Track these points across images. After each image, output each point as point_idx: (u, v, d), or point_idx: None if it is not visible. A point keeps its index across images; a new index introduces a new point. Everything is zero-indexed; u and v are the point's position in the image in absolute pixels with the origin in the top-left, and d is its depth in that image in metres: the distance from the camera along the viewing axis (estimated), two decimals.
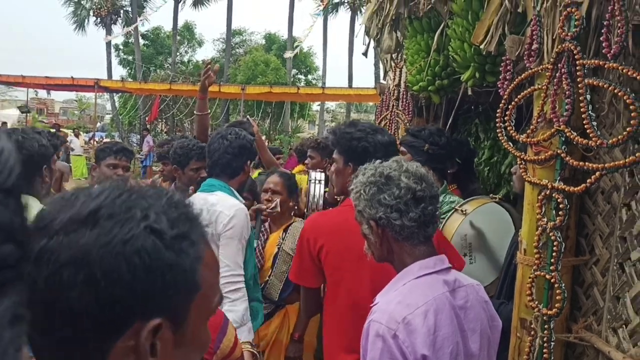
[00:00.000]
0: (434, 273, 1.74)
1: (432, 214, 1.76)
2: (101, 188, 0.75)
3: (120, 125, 31.33)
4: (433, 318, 1.63)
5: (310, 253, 2.38)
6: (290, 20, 33.12)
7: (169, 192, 0.79)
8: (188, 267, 0.75)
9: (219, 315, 1.84)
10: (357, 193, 1.78)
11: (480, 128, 3.83)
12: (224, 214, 2.84)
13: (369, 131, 2.41)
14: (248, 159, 3.10)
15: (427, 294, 1.68)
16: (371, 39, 4.25)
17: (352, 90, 21.13)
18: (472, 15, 2.78)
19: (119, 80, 25.10)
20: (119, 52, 36.48)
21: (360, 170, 1.84)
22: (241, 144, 3.03)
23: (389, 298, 1.71)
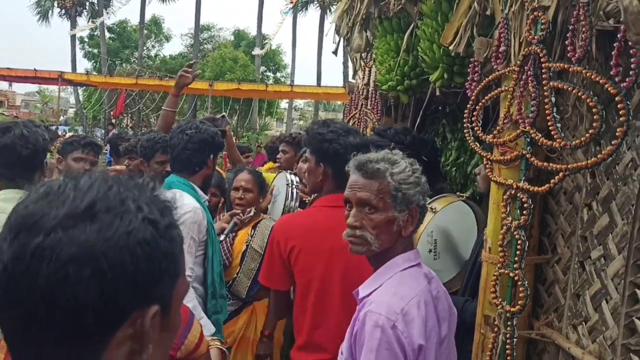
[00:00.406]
0: (415, 266, 1.80)
1: None
2: (89, 182, 0.76)
3: (84, 119, 30.72)
4: (424, 309, 1.69)
5: (281, 255, 2.36)
6: (259, 17, 32.97)
7: (148, 182, 0.81)
8: (177, 253, 0.79)
9: (184, 310, 1.82)
10: (413, 178, 1.78)
11: (448, 128, 3.88)
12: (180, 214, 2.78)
13: (341, 132, 2.41)
14: (211, 153, 3.00)
15: (415, 286, 1.73)
16: (341, 38, 4.27)
17: (320, 89, 21.16)
18: (442, 16, 2.82)
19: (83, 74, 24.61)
20: (84, 45, 35.75)
21: (399, 161, 1.82)
22: (201, 138, 2.92)
23: (382, 289, 1.74)
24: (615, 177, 1.90)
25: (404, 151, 3.06)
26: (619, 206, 1.88)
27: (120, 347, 0.73)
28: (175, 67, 34.31)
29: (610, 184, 1.92)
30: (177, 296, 0.81)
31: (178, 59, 36.46)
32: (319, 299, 2.30)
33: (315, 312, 2.31)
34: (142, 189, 0.78)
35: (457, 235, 2.85)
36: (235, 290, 3.47)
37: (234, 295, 3.49)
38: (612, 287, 1.89)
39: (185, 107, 28.27)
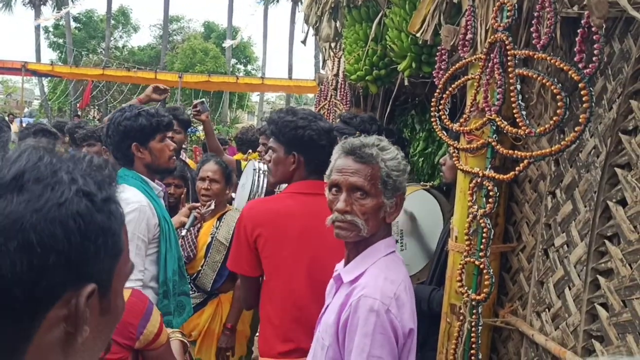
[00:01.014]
0: (394, 252, 1.83)
1: None
2: (18, 152, 0.70)
3: (50, 111, 30.03)
4: (409, 292, 1.74)
5: (248, 241, 2.32)
6: (230, 9, 32.67)
7: (86, 155, 0.76)
8: (116, 230, 0.74)
9: (142, 300, 1.78)
10: (403, 165, 1.80)
11: (416, 119, 3.88)
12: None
13: (311, 118, 2.37)
14: (132, 142, 2.73)
15: (400, 270, 1.78)
16: (310, 27, 4.23)
17: (291, 82, 21.07)
18: (410, 5, 2.80)
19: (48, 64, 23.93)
20: (49, 35, 34.88)
21: (384, 142, 1.82)
22: (114, 130, 2.73)
23: (372, 274, 1.72)
24: (579, 165, 1.91)
25: None
26: (581, 193, 1.89)
27: (53, 329, 0.68)
28: (144, 58, 33.82)
29: (574, 171, 1.93)
30: (119, 277, 0.76)
31: (146, 50, 35.91)
32: (286, 286, 2.27)
33: (283, 299, 2.28)
34: (78, 161, 0.73)
35: (423, 225, 2.85)
36: (200, 283, 3.42)
37: (199, 288, 3.43)
38: (575, 274, 1.90)
39: None
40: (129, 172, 2.75)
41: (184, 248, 3.44)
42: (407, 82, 3.09)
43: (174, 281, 2.79)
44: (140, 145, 2.74)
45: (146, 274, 2.70)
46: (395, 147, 1.83)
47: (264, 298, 2.36)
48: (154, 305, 1.85)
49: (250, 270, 2.38)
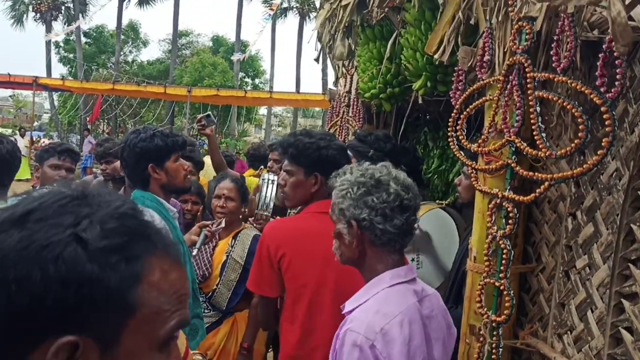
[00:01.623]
0: (405, 282, 1.75)
1: (412, 225, 1.77)
2: (49, 190, 0.71)
3: (60, 125, 30.28)
4: (407, 328, 1.64)
5: (271, 261, 2.31)
6: (238, 24, 32.90)
7: (123, 200, 0.73)
8: (115, 284, 0.67)
9: None
10: (344, 190, 1.75)
11: (429, 136, 3.89)
12: None
13: (329, 138, 2.40)
14: (148, 164, 2.72)
15: (401, 303, 1.69)
16: (323, 45, 4.26)
17: (299, 96, 21.16)
18: (425, 25, 2.82)
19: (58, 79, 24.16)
20: (59, 50, 35.25)
21: (346, 169, 1.81)
22: (130, 153, 2.73)
23: (365, 306, 1.70)
24: (600, 187, 1.91)
25: (383, 159, 3.08)
26: (603, 216, 1.89)
27: None
28: (153, 72, 34.08)
29: (595, 193, 1.93)
30: (140, 336, 0.70)
31: (155, 65, 36.19)
32: (311, 307, 2.26)
33: (306, 320, 2.27)
34: (106, 206, 0.70)
35: (438, 243, 2.84)
36: (216, 302, 3.41)
37: (214, 307, 3.42)
38: (597, 296, 1.89)
39: (162, 112, 28.07)
40: (145, 193, 2.74)
41: (199, 266, 3.44)
42: (421, 100, 3.11)
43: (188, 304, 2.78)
44: (156, 166, 2.74)
45: None
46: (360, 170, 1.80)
47: (285, 319, 2.35)
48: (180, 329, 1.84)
49: (271, 290, 2.38)
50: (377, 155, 3.05)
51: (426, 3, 2.78)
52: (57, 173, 3.52)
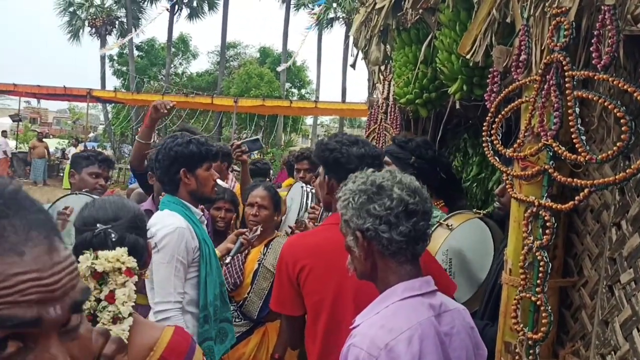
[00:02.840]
0: (419, 296, 1.64)
1: (424, 230, 1.65)
2: None
3: (112, 135, 31.14)
4: (418, 345, 1.52)
5: (290, 277, 2.24)
6: (285, 34, 33.19)
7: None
8: None
9: (185, 339, 1.72)
10: (345, 201, 1.67)
11: (469, 143, 3.75)
12: (156, 236, 2.63)
13: (345, 142, 2.30)
14: (180, 168, 2.78)
15: (412, 318, 1.57)
16: (359, 51, 4.18)
17: (344, 105, 21.13)
18: (460, 26, 2.70)
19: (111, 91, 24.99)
20: (113, 63, 36.36)
21: (351, 178, 1.74)
22: (165, 156, 2.77)
23: (371, 321, 1.60)
24: None
25: (424, 166, 2.97)
26: None
27: None
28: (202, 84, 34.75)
29: None
30: None
31: (204, 76, 36.87)
32: (330, 323, 2.17)
33: (326, 336, 2.18)
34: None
35: (474, 255, 2.70)
36: (247, 311, 3.36)
37: (245, 316, 3.38)
38: None
39: (211, 124, 28.49)
40: (172, 198, 2.82)
41: (231, 274, 3.41)
42: (458, 105, 2.98)
43: (215, 306, 2.77)
44: (187, 171, 2.80)
45: (185, 298, 2.71)
46: (364, 177, 1.71)
47: (307, 335, 2.27)
48: (197, 344, 1.79)
49: (293, 308, 2.30)
50: (419, 162, 2.94)
51: (461, 3, 2.67)
52: (97, 181, 3.60)
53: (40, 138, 21.14)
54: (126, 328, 1.55)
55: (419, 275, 1.67)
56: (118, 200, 1.77)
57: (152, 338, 1.63)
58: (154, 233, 2.61)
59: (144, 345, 1.61)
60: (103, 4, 35.69)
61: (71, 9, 35.33)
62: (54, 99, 24.45)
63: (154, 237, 2.62)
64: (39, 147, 20.01)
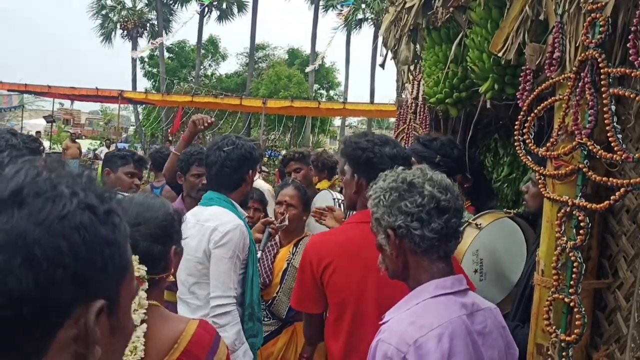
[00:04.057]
0: (450, 294, 1.63)
1: (455, 227, 1.64)
2: (15, 169, 0.68)
3: (143, 136, 31.62)
4: (448, 342, 1.51)
5: (314, 275, 2.23)
6: (313, 36, 33.27)
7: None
8: (122, 242, 0.72)
9: (209, 332, 1.74)
10: (376, 199, 1.67)
11: (500, 143, 3.71)
12: (218, 231, 2.69)
13: (377, 142, 2.29)
14: (249, 169, 2.89)
15: (443, 315, 1.56)
16: (388, 50, 4.16)
17: (373, 106, 21.05)
18: (492, 24, 2.67)
19: (142, 92, 25.36)
20: (144, 65, 36.93)
21: (381, 177, 1.73)
22: (239, 154, 2.83)
23: (400, 317, 1.60)
24: None
25: (450, 165, 2.94)
26: None
27: (63, 351, 0.64)
28: (231, 85, 35.03)
29: None
30: (127, 294, 0.74)
31: (233, 78, 37.18)
32: (354, 322, 2.16)
33: (350, 334, 2.17)
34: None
35: (505, 254, 2.66)
36: (275, 310, 3.37)
37: (273, 315, 3.39)
38: None
39: (240, 125, 28.72)
40: (221, 196, 2.85)
41: (260, 273, 3.42)
42: (489, 104, 2.94)
43: (257, 304, 2.84)
44: (252, 172, 2.94)
45: (236, 295, 2.76)
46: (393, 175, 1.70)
47: (329, 334, 2.27)
48: (221, 337, 1.81)
49: (315, 306, 2.30)
50: (445, 161, 2.91)
51: (493, 0, 2.63)
52: (132, 181, 3.65)
53: (73, 139, 21.56)
54: (140, 335, 1.57)
55: (451, 273, 1.66)
56: (145, 202, 1.73)
57: (177, 331, 1.66)
58: (213, 228, 2.69)
59: (168, 337, 1.64)
60: (134, 6, 36.31)
61: (103, 12, 36.04)
62: (87, 101, 24.95)
63: (215, 233, 2.68)
64: (72, 147, 20.40)
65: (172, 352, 1.62)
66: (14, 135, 2.37)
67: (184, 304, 2.78)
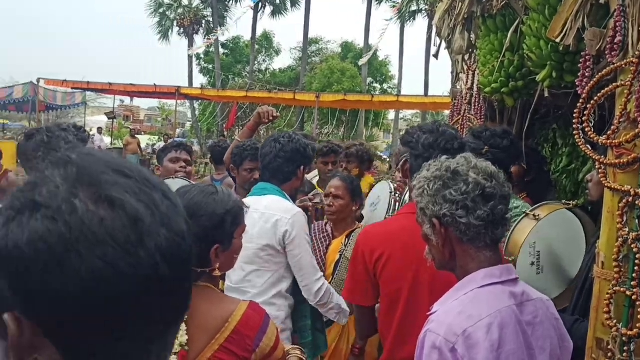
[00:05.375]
0: (499, 283, 1.60)
1: (502, 214, 1.62)
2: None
3: (199, 131, 32.29)
4: (497, 332, 1.49)
5: (366, 266, 2.23)
6: (366, 29, 33.09)
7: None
8: None
9: (259, 313, 1.78)
10: (421, 189, 1.66)
11: (559, 134, 3.59)
12: (285, 218, 2.76)
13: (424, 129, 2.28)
14: (301, 165, 2.95)
15: (492, 305, 1.54)
16: (442, 40, 4.10)
17: (427, 99, 20.79)
18: (550, 10, 2.59)
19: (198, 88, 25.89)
20: (200, 61, 37.68)
21: (425, 166, 1.72)
22: (294, 148, 2.89)
23: (448, 307, 1.58)
24: None
25: (499, 156, 2.87)
26: None
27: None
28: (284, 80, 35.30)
29: None
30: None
31: (287, 72, 37.45)
32: (407, 311, 2.15)
33: (402, 326, 2.16)
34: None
35: (564, 247, 2.58)
36: None
37: None
38: None
39: (293, 119, 28.92)
40: (274, 186, 2.93)
41: None
42: (547, 93, 2.86)
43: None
44: (304, 169, 3.02)
45: (285, 283, 2.83)
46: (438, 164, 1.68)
47: (382, 325, 2.26)
48: (271, 318, 1.85)
49: (366, 298, 2.30)
50: (493, 152, 2.85)
51: None
52: (176, 165, 3.68)
53: (132, 135, 22.24)
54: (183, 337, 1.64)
55: (499, 262, 1.63)
56: (198, 199, 1.76)
57: (228, 311, 1.73)
58: (278, 219, 2.79)
59: (219, 317, 1.71)
60: (191, 4, 37.04)
61: (161, 10, 36.92)
62: (145, 97, 25.64)
63: (280, 224, 2.78)
64: (132, 143, 21.07)
65: (222, 331, 1.69)
66: (65, 130, 2.45)
67: (238, 292, 2.84)
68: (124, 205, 0.65)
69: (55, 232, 0.62)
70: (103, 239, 0.62)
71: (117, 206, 0.64)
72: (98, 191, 0.65)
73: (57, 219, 0.62)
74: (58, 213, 0.63)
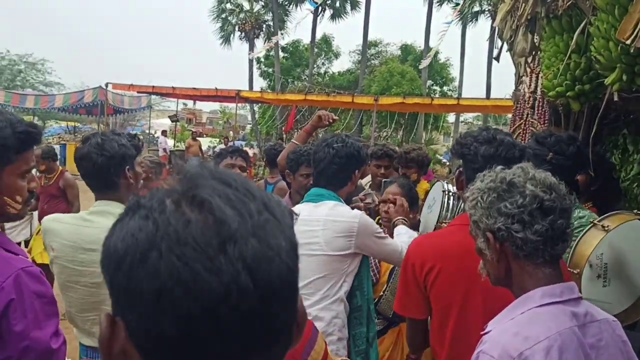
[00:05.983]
0: (560, 303, 1.50)
1: (563, 229, 1.52)
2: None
3: (259, 135, 32.73)
4: (557, 356, 1.39)
5: (417, 279, 2.16)
6: (427, 31, 32.68)
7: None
8: None
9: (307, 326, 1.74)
10: (474, 201, 1.59)
11: (629, 139, 3.41)
12: (354, 222, 2.73)
13: (480, 139, 2.16)
14: (356, 169, 2.89)
15: (551, 326, 1.45)
16: (504, 42, 3.97)
17: (488, 102, 20.27)
18: (620, 10, 2.45)
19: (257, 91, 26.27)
20: (260, 65, 38.21)
21: (479, 177, 1.65)
22: (348, 152, 2.82)
23: (503, 327, 1.50)
24: None
25: (564, 163, 2.73)
26: None
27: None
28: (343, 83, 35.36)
29: None
30: None
31: (346, 75, 37.47)
32: (458, 328, 2.06)
33: (454, 342, 2.08)
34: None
35: (635, 260, 2.42)
36: (382, 309, 3.33)
37: (380, 314, 3.35)
38: None
39: (352, 122, 28.89)
40: (330, 192, 2.88)
41: None
42: (616, 97, 2.71)
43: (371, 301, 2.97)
44: (358, 172, 2.98)
45: (345, 287, 2.80)
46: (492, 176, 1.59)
47: (434, 341, 2.19)
48: (319, 330, 1.81)
49: (418, 311, 2.22)
50: (557, 159, 2.71)
51: None
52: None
53: (194, 137, 22.78)
54: None
55: (559, 280, 1.53)
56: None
57: None
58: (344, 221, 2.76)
59: None
60: (252, 9, 37.64)
61: (223, 15, 37.68)
62: (207, 101, 26.18)
63: (349, 226, 2.75)
64: (193, 145, 21.58)
65: None
66: (118, 135, 2.51)
67: None
68: (212, 208, 0.64)
69: (145, 229, 0.64)
70: (185, 239, 0.62)
71: (205, 209, 0.65)
72: (192, 194, 0.66)
73: (149, 217, 0.65)
74: (150, 212, 0.65)
